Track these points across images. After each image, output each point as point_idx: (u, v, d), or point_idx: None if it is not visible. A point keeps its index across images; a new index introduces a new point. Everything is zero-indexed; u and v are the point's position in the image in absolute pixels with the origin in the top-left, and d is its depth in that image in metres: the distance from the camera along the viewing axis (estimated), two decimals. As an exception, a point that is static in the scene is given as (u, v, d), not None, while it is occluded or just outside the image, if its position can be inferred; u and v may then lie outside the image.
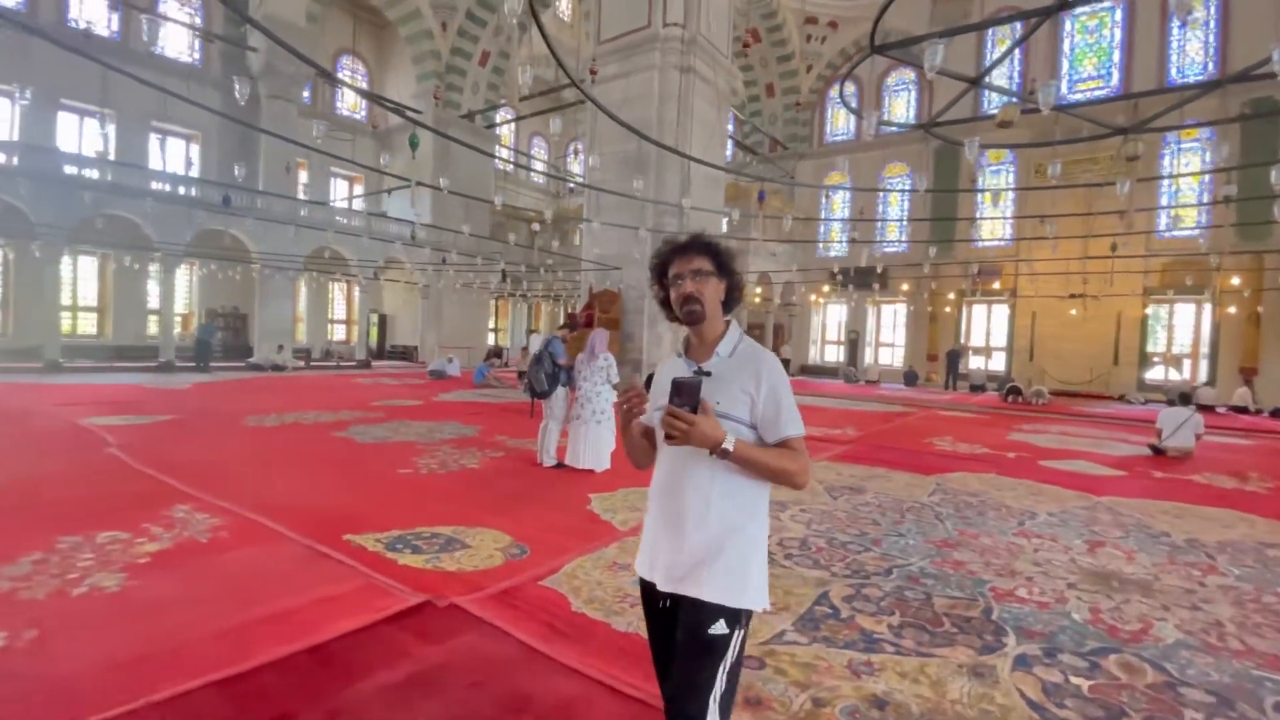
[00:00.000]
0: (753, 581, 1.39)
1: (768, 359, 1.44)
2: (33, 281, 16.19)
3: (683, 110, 14.62)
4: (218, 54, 20.88)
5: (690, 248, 1.48)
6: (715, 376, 1.40)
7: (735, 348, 1.47)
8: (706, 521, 1.37)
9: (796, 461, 1.36)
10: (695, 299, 1.44)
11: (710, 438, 1.27)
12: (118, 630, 2.57)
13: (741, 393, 1.39)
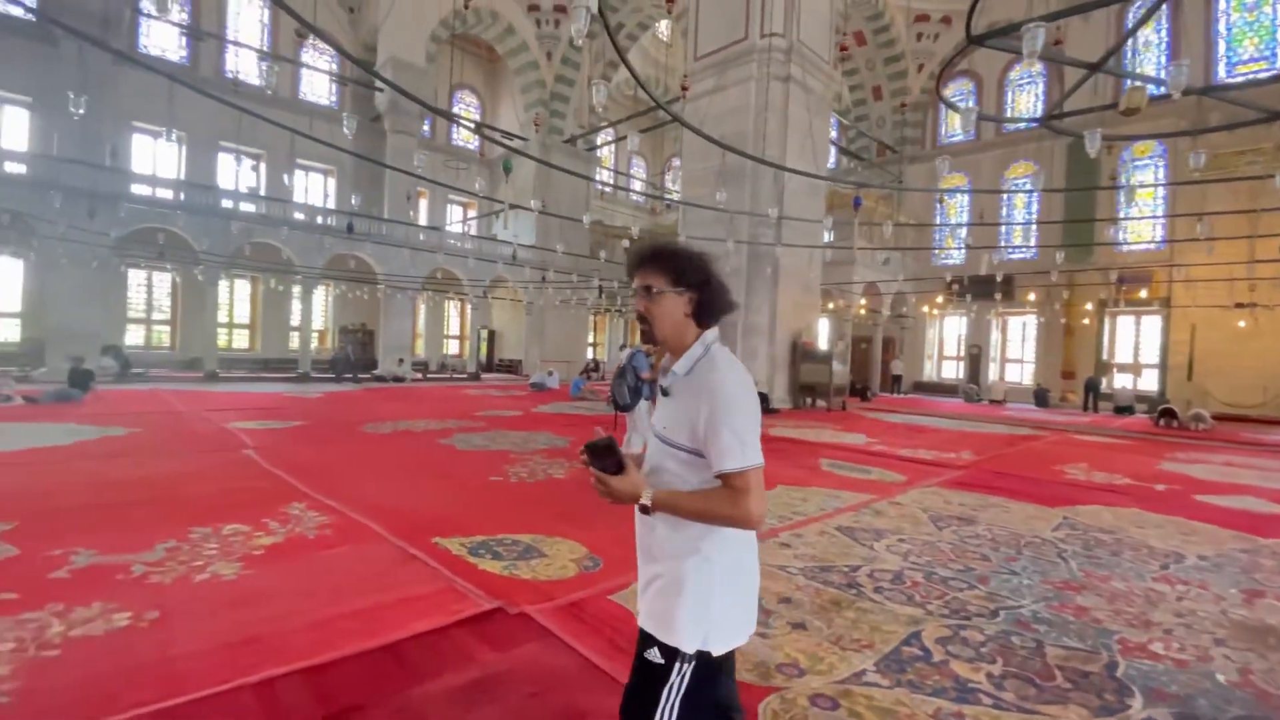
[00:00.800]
0: (684, 621, 1.28)
1: (717, 380, 1.28)
2: (196, 302, 18.81)
3: (781, 120, 14.33)
4: (350, 95, 23.30)
5: (641, 262, 1.36)
6: (670, 397, 1.35)
7: (693, 365, 1.34)
8: (653, 555, 1.37)
9: (734, 505, 1.23)
10: (643, 318, 1.37)
11: (628, 496, 1.27)
12: (227, 615, 2.83)
13: (685, 418, 1.29)
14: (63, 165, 14.96)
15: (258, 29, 22.08)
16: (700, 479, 1.30)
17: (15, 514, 4.16)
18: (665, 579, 1.32)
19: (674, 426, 1.31)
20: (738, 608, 1.35)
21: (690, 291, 1.35)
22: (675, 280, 1.34)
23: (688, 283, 1.34)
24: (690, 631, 1.29)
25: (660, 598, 1.33)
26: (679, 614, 1.29)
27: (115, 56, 16.97)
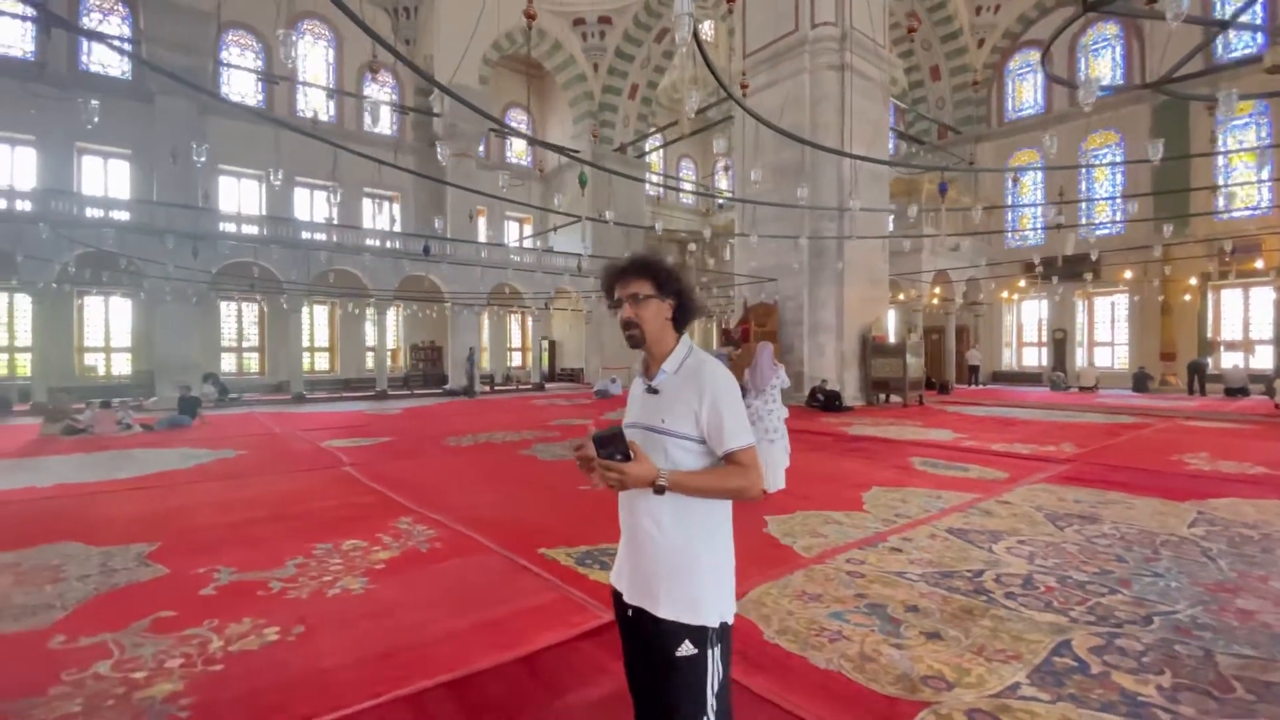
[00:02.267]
0: (707, 598, 1.38)
1: (710, 371, 1.42)
2: (281, 328, 20.01)
3: (837, 109, 13.98)
4: (410, 124, 24.33)
5: (627, 271, 1.47)
6: (662, 394, 1.43)
7: (682, 363, 1.46)
8: (659, 542, 1.39)
9: (745, 477, 1.37)
10: (632, 324, 1.45)
11: (644, 480, 1.32)
12: (365, 629, 2.95)
13: (686, 409, 1.39)
14: (160, 209, 16.25)
15: (324, 68, 23.37)
16: (698, 463, 1.41)
17: (157, 535, 4.50)
18: (679, 565, 1.38)
19: (673, 418, 1.40)
20: (730, 574, 1.47)
21: (670, 298, 1.46)
22: (658, 287, 1.45)
23: (669, 290, 1.46)
24: (714, 608, 1.38)
25: (679, 584, 1.37)
26: (703, 594, 1.37)
27: (200, 107, 18.37)
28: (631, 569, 1.45)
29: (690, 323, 1.52)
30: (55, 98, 17.28)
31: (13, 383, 16.07)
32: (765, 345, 5.82)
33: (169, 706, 2.29)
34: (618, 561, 1.54)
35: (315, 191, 22.48)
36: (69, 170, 18.34)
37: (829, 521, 4.74)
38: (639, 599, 1.42)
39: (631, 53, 24.34)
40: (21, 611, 3.16)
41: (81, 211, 15.93)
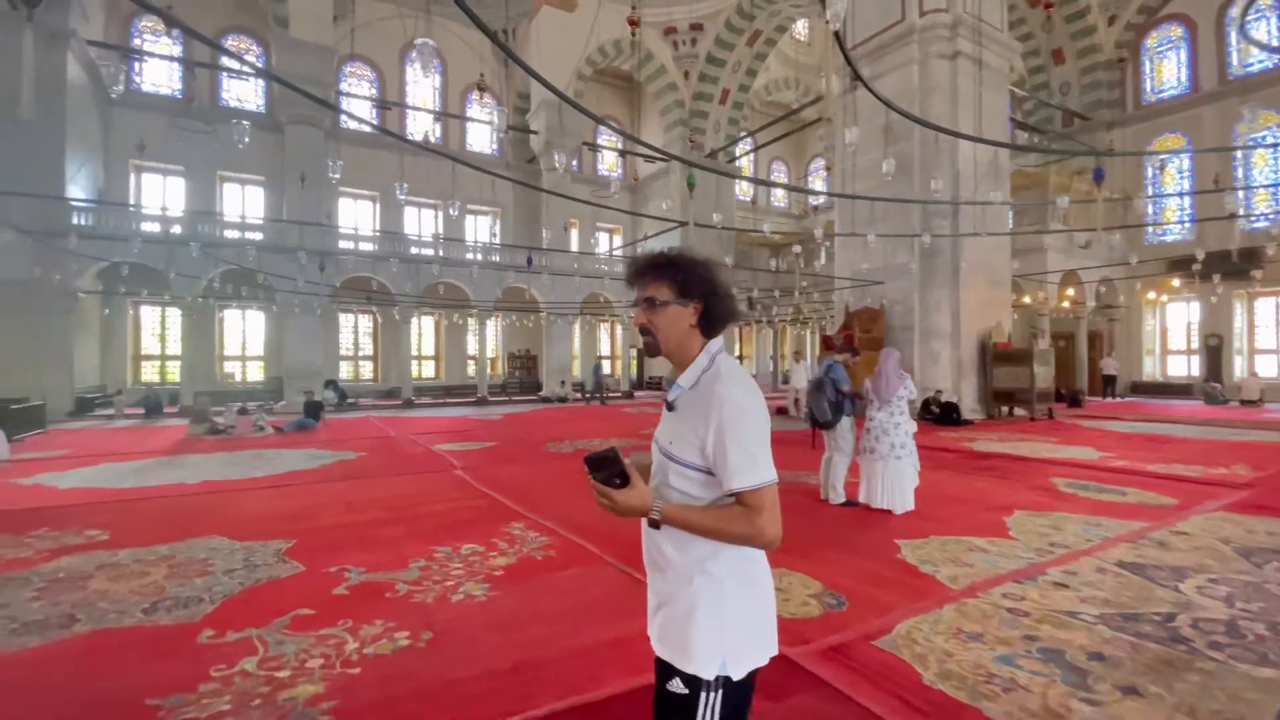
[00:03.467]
0: (703, 646, 1.20)
1: (722, 393, 1.20)
2: (392, 338, 21.34)
3: (950, 100, 13.05)
4: (509, 144, 25.36)
5: (643, 273, 1.29)
6: (678, 412, 1.27)
7: (699, 378, 1.27)
8: (661, 571, 1.28)
9: (749, 523, 1.16)
10: (646, 331, 1.29)
11: (636, 509, 1.18)
12: (491, 639, 2.88)
13: (692, 433, 1.22)
14: (289, 229, 17.80)
15: (431, 93, 24.85)
16: (712, 496, 1.23)
17: (291, 533, 4.73)
18: (675, 602, 1.24)
19: (680, 443, 1.23)
20: (754, 627, 1.25)
21: (695, 301, 1.28)
22: (680, 291, 1.27)
23: (693, 293, 1.27)
24: (708, 657, 1.20)
25: (672, 622, 1.24)
26: (694, 639, 1.21)
27: (325, 134, 19.99)
28: (651, 610, 1.33)
29: (722, 329, 1.32)
30: (200, 131, 19.41)
31: (164, 388, 18.08)
32: (890, 352, 5.37)
33: (312, 710, 2.29)
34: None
35: (423, 210, 23.93)
36: (212, 195, 20.53)
37: (972, 549, 4.25)
38: (658, 645, 1.30)
39: (723, 58, 24.11)
40: (174, 604, 3.36)
41: (222, 233, 17.74)
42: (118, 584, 3.66)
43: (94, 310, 17.40)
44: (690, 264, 1.29)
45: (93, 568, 3.96)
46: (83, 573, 3.86)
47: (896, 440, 5.10)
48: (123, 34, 19.46)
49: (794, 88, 27.53)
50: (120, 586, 3.62)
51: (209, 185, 20.50)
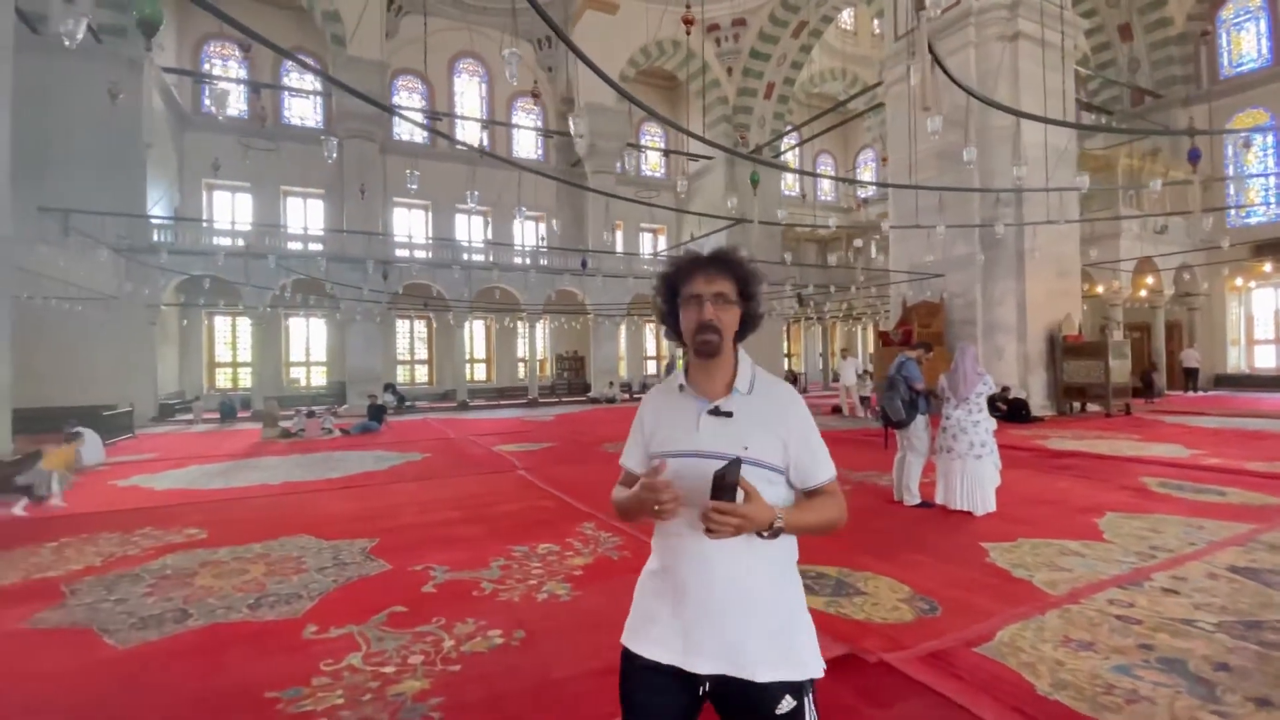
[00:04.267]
0: (806, 647, 1.19)
1: (790, 393, 1.26)
2: (446, 342, 21.90)
3: (1011, 84, 12.53)
4: (553, 148, 25.70)
5: (714, 265, 1.22)
6: (737, 417, 1.20)
7: (753, 382, 1.25)
8: (755, 595, 1.17)
9: (839, 508, 1.23)
10: (714, 328, 1.19)
11: (764, 522, 1.09)
12: (584, 639, 2.91)
13: (772, 436, 1.20)
14: (349, 239, 18.50)
15: (478, 101, 25.41)
16: (780, 496, 1.20)
17: (373, 532, 4.90)
18: (779, 616, 1.18)
19: (759, 447, 1.19)
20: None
21: (744, 304, 1.24)
22: (740, 291, 1.23)
23: (747, 295, 1.24)
24: (815, 654, 1.20)
25: (781, 639, 1.17)
26: (803, 642, 1.19)
27: (379, 147, 20.67)
28: (701, 631, 1.16)
29: (749, 334, 1.28)
30: (265, 149, 20.36)
31: (236, 393, 19.05)
32: (967, 347, 5.18)
33: (420, 706, 2.36)
34: (656, 625, 1.21)
35: (473, 216, 24.51)
36: (276, 209, 21.52)
37: (1065, 552, 4.06)
38: (721, 666, 1.15)
39: (767, 51, 23.81)
40: (276, 600, 3.52)
41: (286, 245, 18.57)
42: (221, 580, 3.86)
43: (173, 321, 18.48)
44: (750, 267, 1.26)
45: (196, 565, 4.19)
46: (188, 570, 4.09)
47: (976, 439, 4.92)
48: (194, 59, 20.62)
49: (841, 79, 26.95)
50: (223, 583, 3.82)
51: (274, 200, 21.51)
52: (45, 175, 13.64)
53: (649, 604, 1.26)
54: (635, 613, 1.29)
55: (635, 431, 1.32)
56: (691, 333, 1.21)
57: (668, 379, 1.33)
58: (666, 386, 1.32)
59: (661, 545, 1.26)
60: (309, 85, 22.36)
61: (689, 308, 1.22)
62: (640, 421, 1.31)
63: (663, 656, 1.18)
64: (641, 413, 1.33)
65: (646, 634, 1.22)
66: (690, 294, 1.22)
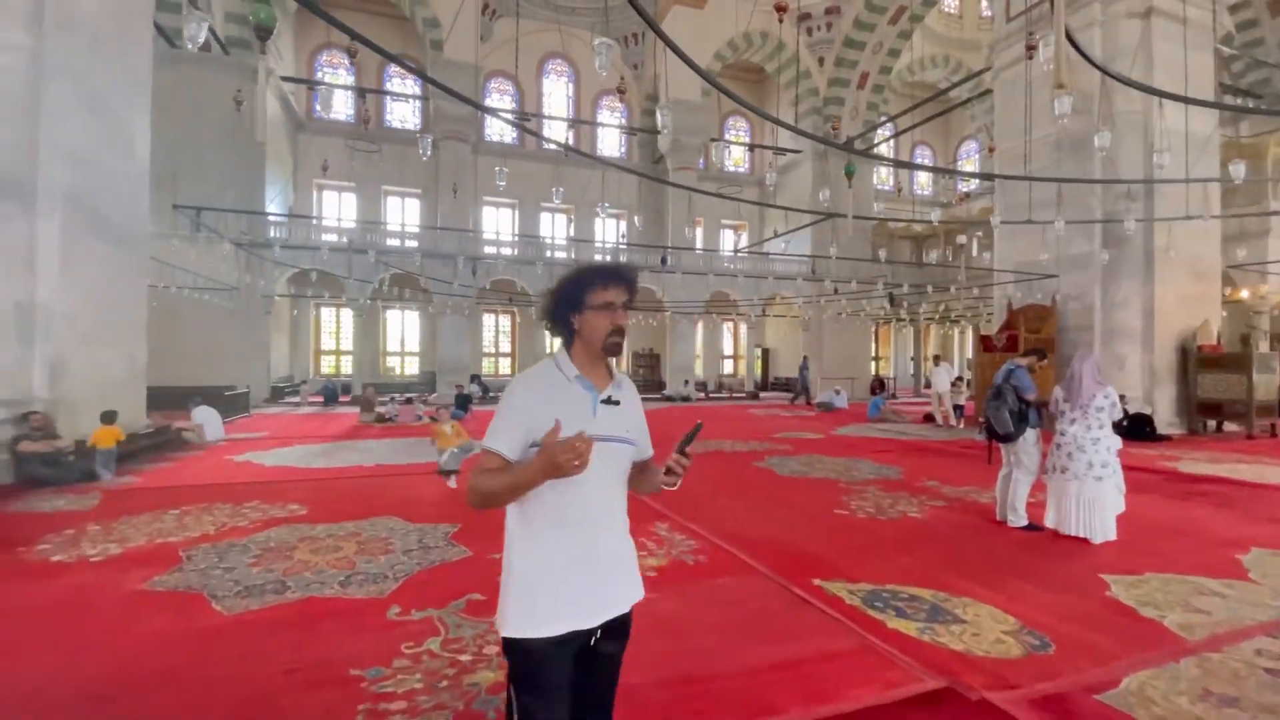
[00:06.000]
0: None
1: (634, 387, 1.55)
2: (528, 336, 22.76)
3: (1145, 65, 11.27)
4: (636, 145, 25.79)
5: (624, 278, 1.42)
6: (622, 405, 1.44)
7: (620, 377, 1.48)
8: (624, 534, 1.47)
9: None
10: (623, 332, 1.42)
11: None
12: (657, 646, 2.81)
13: (637, 421, 1.48)
14: (442, 236, 19.40)
15: (564, 102, 25.93)
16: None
17: (455, 518, 5.04)
18: (632, 550, 1.49)
19: (635, 429, 1.47)
20: None
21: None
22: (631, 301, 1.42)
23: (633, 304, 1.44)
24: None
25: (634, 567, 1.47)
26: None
27: (471, 148, 21.51)
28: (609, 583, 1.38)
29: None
30: (369, 151, 21.68)
31: (338, 379, 20.44)
32: (1086, 355, 4.66)
33: (494, 699, 2.35)
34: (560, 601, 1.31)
35: (556, 215, 25.10)
36: (377, 208, 22.90)
37: (1203, 591, 3.56)
38: (614, 609, 1.38)
39: (862, 39, 22.78)
40: (365, 579, 3.66)
41: (385, 241, 19.71)
42: (317, 556, 4.08)
43: (285, 311, 20.08)
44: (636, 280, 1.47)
45: (296, 539, 4.46)
46: (288, 544, 4.36)
47: (1095, 459, 4.41)
48: (308, 68, 22.28)
49: (943, 65, 25.39)
50: (319, 559, 4.03)
51: (375, 199, 22.92)
52: (179, 176, 15.15)
53: (549, 584, 1.32)
54: (531, 600, 1.32)
55: (512, 418, 1.35)
56: (605, 333, 1.38)
57: (542, 370, 1.42)
58: (548, 378, 1.40)
59: (559, 521, 1.34)
60: (409, 89, 23.60)
61: (601, 312, 1.37)
62: (523, 408, 1.36)
63: (567, 627, 1.31)
64: (523, 400, 1.37)
65: (549, 614, 1.30)
66: (604, 301, 1.37)
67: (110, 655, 2.74)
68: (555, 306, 1.43)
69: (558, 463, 1.21)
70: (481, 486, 1.31)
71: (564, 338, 1.44)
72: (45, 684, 2.48)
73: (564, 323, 1.42)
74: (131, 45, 8.35)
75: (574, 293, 1.40)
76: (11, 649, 2.81)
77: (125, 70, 8.23)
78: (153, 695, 2.40)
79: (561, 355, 1.43)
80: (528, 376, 1.42)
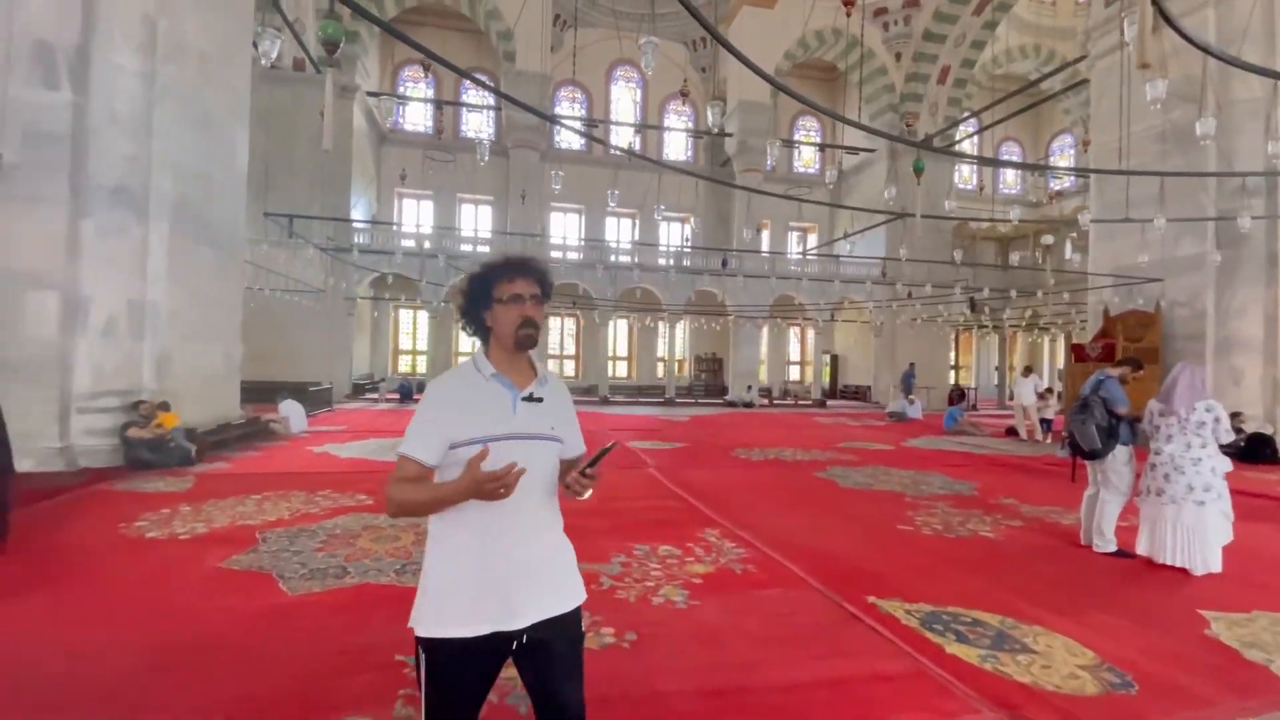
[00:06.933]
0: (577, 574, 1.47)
1: (563, 384, 1.53)
2: (592, 339, 22.84)
3: (1268, 44, 10.17)
4: (702, 148, 25.69)
5: (532, 271, 1.40)
6: (546, 402, 1.41)
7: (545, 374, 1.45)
8: (551, 542, 1.42)
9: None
10: (535, 324, 1.38)
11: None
12: (695, 654, 2.76)
13: (563, 418, 1.46)
14: (512, 241, 19.98)
15: (631, 107, 26.18)
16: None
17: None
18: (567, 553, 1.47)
19: (561, 426, 1.45)
20: None
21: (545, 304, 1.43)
22: (545, 293, 1.41)
23: (548, 295, 1.42)
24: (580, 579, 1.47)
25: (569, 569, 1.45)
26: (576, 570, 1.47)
27: (541, 155, 22.06)
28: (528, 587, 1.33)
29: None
30: (445, 160, 22.65)
31: (414, 377, 21.44)
32: (1187, 367, 4.21)
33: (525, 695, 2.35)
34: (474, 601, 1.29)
35: (621, 219, 25.37)
36: (453, 214, 23.88)
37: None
38: (545, 610, 1.34)
39: (943, 32, 21.75)
40: (418, 569, 3.76)
41: (459, 247, 20.52)
42: (377, 544, 4.26)
43: (366, 312, 21.27)
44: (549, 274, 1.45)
45: (360, 528, 4.67)
46: (353, 531, 4.57)
47: (1196, 481, 3.96)
48: (391, 83, 23.56)
49: (1033, 56, 23.85)
50: (379, 547, 4.20)
51: (450, 206, 23.93)
52: (271, 186, 16.36)
53: (468, 585, 1.30)
54: (443, 601, 1.30)
55: (430, 422, 1.32)
56: (515, 326, 1.35)
57: (459, 371, 1.40)
58: (466, 378, 1.38)
59: (476, 524, 1.30)
60: (484, 100, 24.51)
61: (510, 306, 1.35)
62: (440, 411, 1.33)
63: (484, 628, 1.28)
64: (439, 403, 1.35)
65: (462, 614, 1.28)
66: (511, 294, 1.35)
67: (185, 625, 2.95)
68: (467, 305, 1.41)
69: (483, 490, 1.20)
70: (397, 496, 1.30)
71: (481, 337, 1.43)
72: (125, 647, 2.70)
73: (477, 321, 1.40)
74: (233, 66, 9.09)
75: (482, 288, 1.38)
76: (102, 613, 3.09)
77: (227, 89, 8.96)
78: (215, 665, 2.57)
79: (479, 355, 1.42)
80: (444, 379, 1.41)
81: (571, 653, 1.40)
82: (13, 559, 3.86)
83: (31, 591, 3.34)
